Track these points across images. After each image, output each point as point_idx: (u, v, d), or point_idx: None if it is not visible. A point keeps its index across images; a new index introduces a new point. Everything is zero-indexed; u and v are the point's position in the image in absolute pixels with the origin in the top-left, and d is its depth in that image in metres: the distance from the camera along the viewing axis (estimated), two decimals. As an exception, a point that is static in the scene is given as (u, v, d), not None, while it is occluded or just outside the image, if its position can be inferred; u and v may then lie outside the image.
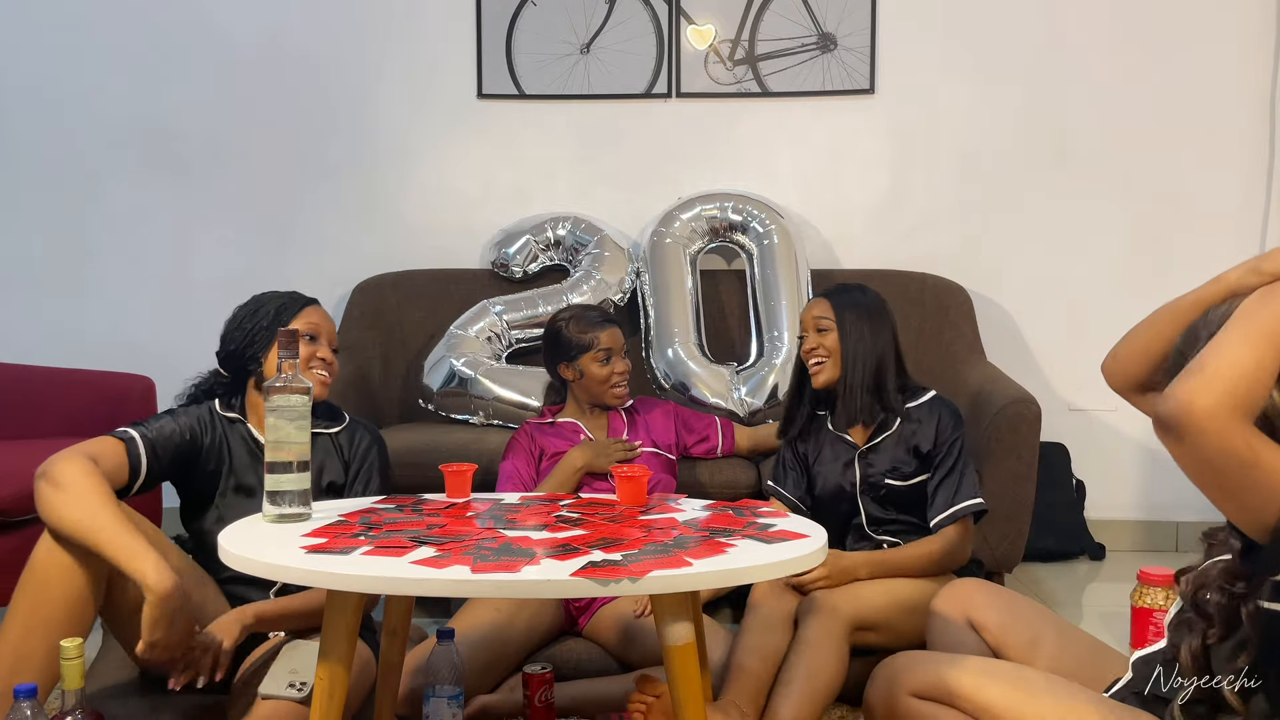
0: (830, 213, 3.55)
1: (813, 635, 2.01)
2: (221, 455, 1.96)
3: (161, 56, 3.60)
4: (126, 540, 1.64)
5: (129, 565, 1.62)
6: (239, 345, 1.98)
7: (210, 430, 1.96)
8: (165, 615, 1.61)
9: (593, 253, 3.34)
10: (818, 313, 2.30)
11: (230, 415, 1.99)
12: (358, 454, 2.04)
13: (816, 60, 3.51)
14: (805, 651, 1.99)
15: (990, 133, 3.51)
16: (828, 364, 2.27)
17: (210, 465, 1.95)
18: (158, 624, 1.62)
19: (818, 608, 2.06)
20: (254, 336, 1.97)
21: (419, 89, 3.60)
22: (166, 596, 1.61)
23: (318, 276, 3.51)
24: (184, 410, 1.97)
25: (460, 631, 2.01)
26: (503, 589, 1.42)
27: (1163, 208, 3.47)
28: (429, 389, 3.18)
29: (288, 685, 1.72)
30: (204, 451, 1.95)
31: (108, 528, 1.64)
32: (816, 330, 2.29)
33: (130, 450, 1.83)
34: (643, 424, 2.59)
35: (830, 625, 2.03)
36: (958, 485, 2.21)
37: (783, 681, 1.96)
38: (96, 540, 1.64)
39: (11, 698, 1.47)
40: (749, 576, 1.47)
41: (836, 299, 2.30)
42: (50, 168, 3.63)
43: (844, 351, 2.25)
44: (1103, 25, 3.46)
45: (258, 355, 1.97)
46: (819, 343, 2.28)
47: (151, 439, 1.86)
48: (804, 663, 1.97)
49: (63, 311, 3.63)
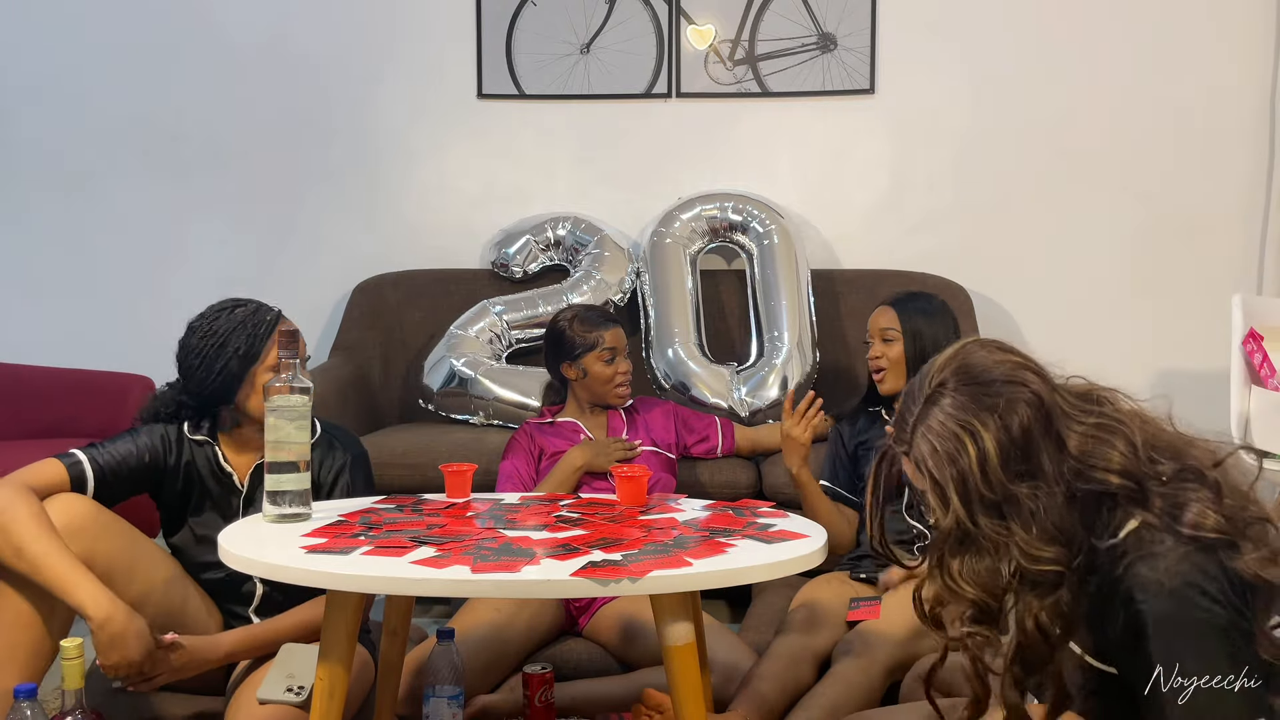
0: (830, 213, 3.55)
1: (848, 674, 1.93)
2: (189, 476, 1.89)
3: (162, 57, 3.60)
4: (60, 572, 1.61)
5: (66, 597, 1.62)
6: (204, 388, 1.84)
7: (175, 450, 1.89)
8: (111, 639, 1.61)
9: (593, 253, 3.34)
10: (884, 323, 2.33)
11: (197, 438, 1.91)
12: (329, 473, 1.92)
13: (816, 60, 3.51)
14: (837, 685, 1.91)
15: (990, 132, 3.51)
16: (890, 373, 2.31)
17: (177, 486, 1.89)
18: (108, 649, 1.61)
19: (852, 652, 1.97)
20: (224, 382, 1.83)
21: (419, 89, 3.60)
22: (105, 622, 1.60)
23: (317, 276, 3.51)
24: (148, 429, 1.89)
25: (460, 631, 2.01)
26: (503, 589, 1.42)
27: (1163, 207, 3.47)
28: (429, 389, 3.18)
29: (285, 690, 1.71)
30: (167, 473, 1.88)
31: (35, 563, 1.62)
32: (882, 340, 2.33)
33: (73, 473, 1.77)
34: (642, 424, 2.59)
35: (867, 665, 1.94)
36: None
37: (804, 706, 1.88)
38: (32, 575, 1.63)
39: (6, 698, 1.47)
40: (749, 576, 1.48)
41: (903, 308, 2.33)
42: (51, 167, 3.63)
43: (910, 361, 2.29)
44: (1103, 25, 3.46)
45: (230, 399, 1.85)
46: (883, 352, 2.32)
47: (102, 463, 1.80)
48: (831, 695, 1.89)
49: (63, 311, 3.63)
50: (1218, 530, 1.14)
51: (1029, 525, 1.14)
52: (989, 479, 1.14)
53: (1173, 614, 1.11)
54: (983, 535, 1.15)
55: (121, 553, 1.74)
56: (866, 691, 1.91)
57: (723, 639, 2.11)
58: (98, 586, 1.62)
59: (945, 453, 1.15)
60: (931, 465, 1.17)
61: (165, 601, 1.79)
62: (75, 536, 1.68)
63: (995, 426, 1.15)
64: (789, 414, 2.36)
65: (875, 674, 1.94)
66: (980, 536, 1.15)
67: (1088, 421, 1.19)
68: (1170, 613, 1.11)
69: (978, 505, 1.14)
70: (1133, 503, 1.16)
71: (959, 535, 1.16)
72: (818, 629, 2.08)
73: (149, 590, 1.77)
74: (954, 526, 1.16)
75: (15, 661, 1.66)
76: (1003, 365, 1.20)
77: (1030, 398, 1.17)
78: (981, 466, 1.14)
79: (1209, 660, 1.10)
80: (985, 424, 1.15)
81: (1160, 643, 1.11)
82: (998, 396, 1.16)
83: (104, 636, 1.60)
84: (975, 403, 1.17)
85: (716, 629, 2.14)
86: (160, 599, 1.78)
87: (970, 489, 1.14)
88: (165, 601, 1.79)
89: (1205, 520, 1.14)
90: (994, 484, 1.14)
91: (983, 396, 1.17)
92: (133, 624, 1.63)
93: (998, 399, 1.16)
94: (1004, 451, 1.14)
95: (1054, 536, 1.14)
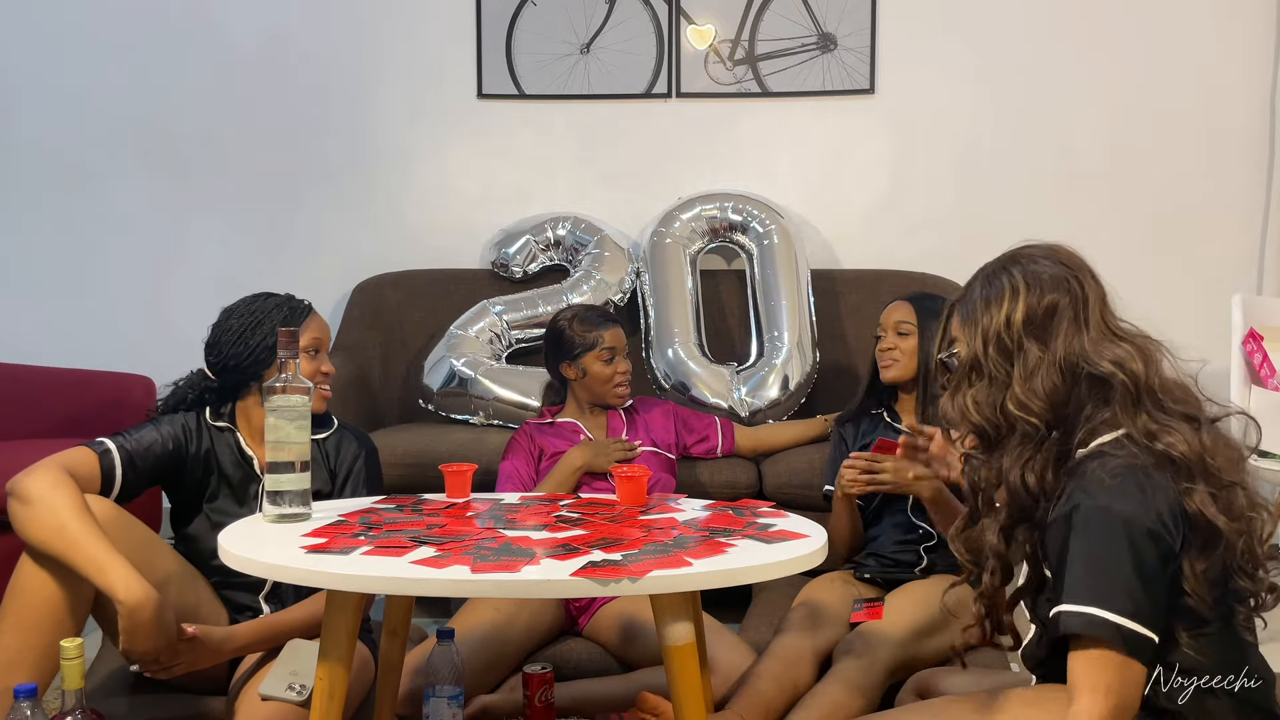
0: (830, 213, 3.55)
1: (849, 675, 1.93)
2: (209, 464, 1.93)
3: (162, 56, 3.60)
4: (95, 554, 1.62)
5: (98, 579, 1.61)
6: (241, 360, 1.92)
7: (196, 439, 1.93)
8: (138, 627, 1.61)
9: (593, 253, 3.34)
10: (900, 316, 2.37)
11: (219, 424, 1.96)
12: (344, 463, 2.00)
13: (816, 60, 3.51)
14: (837, 686, 1.91)
15: (990, 133, 3.51)
16: (900, 363, 2.35)
17: (197, 474, 1.93)
18: (133, 636, 1.61)
19: (853, 652, 1.98)
20: (258, 355, 1.92)
21: (419, 89, 3.60)
22: (136, 609, 1.60)
23: (317, 276, 3.51)
24: (169, 418, 1.93)
25: (460, 631, 2.01)
26: (503, 589, 1.42)
27: (1162, 207, 3.47)
28: (429, 389, 3.18)
29: (287, 687, 1.71)
30: (189, 460, 1.92)
31: (76, 542, 1.62)
32: (897, 333, 2.37)
33: (104, 462, 1.80)
34: (642, 424, 2.60)
35: (867, 666, 1.95)
36: None
37: (804, 706, 1.88)
38: (65, 555, 1.63)
39: (8, 697, 1.47)
40: (749, 576, 1.47)
41: (920, 304, 2.38)
42: (50, 167, 3.63)
43: (923, 354, 2.33)
44: (1103, 24, 3.46)
45: (260, 372, 1.93)
46: (896, 344, 2.37)
47: (129, 450, 1.83)
48: (832, 695, 1.89)
49: (63, 311, 3.63)
50: (1185, 456, 1.32)
51: (1027, 377, 1.40)
52: (1010, 328, 1.42)
53: (1104, 504, 1.29)
54: (990, 368, 1.43)
55: (138, 552, 1.74)
56: (867, 692, 1.91)
57: (723, 639, 2.10)
58: (131, 571, 1.62)
59: (986, 299, 1.46)
60: (978, 304, 1.46)
61: (180, 600, 1.80)
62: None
63: (1031, 295, 1.43)
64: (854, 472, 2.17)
65: (876, 674, 1.94)
66: (988, 370, 1.43)
67: (1119, 331, 1.45)
68: (1102, 503, 1.29)
69: (994, 344, 1.43)
70: (1124, 408, 1.37)
71: (972, 365, 1.45)
72: (818, 628, 2.08)
73: (165, 590, 1.77)
74: (971, 357, 1.44)
75: (24, 663, 1.66)
76: (1062, 266, 1.47)
77: (1073, 290, 1.44)
78: (1008, 317, 1.42)
79: (1113, 551, 1.27)
80: (1024, 290, 1.43)
81: (1080, 526, 1.30)
82: (1044, 278, 1.45)
83: (131, 623, 1.60)
84: (1026, 276, 1.45)
85: (716, 629, 2.14)
86: (176, 598, 1.78)
87: (992, 329, 1.43)
88: (180, 600, 1.80)
89: (1178, 445, 1.33)
90: (1012, 333, 1.42)
91: (1034, 273, 1.45)
92: (162, 613, 1.63)
93: (1042, 279, 1.45)
94: (1029, 314, 1.42)
95: (1043, 397, 1.39)
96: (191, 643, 1.70)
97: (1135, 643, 1.25)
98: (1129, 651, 1.25)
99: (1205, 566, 1.31)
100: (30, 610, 1.67)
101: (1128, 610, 1.25)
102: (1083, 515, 1.30)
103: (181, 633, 1.68)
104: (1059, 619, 1.30)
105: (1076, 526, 1.30)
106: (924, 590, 2.14)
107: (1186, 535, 1.31)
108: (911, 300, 2.40)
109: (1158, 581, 1.28)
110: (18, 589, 1.69)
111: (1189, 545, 1.31)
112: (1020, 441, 1.41)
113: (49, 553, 1.64)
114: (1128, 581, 1.26)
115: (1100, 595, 1.26)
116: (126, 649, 1.63)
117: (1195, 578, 1.30)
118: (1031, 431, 1.40)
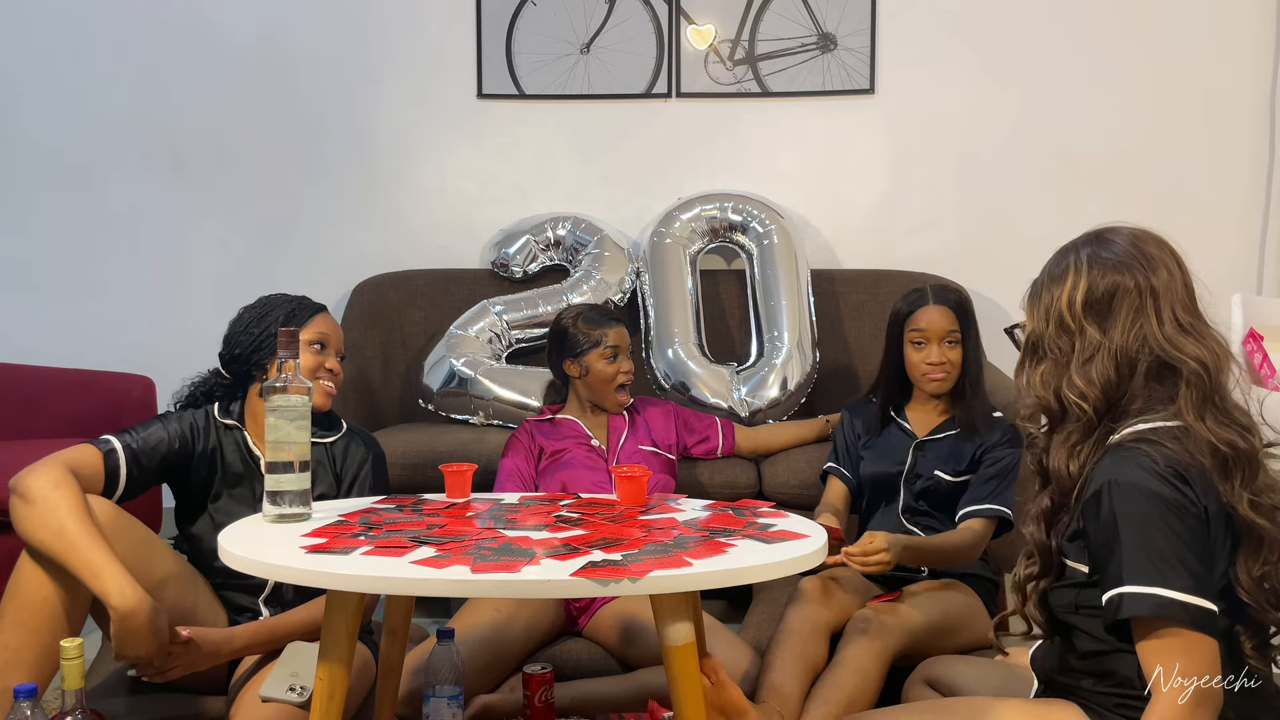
0: (830, 213, 3.56)
1: (860, 660, 1.96)
2: (214, 463, 1.94)
3: (162, 56, 3.60)
4: (90, 557, 1.62)
5: (92, 584, 1.61)
6: (245, 350, 1.96)
7: (204, 437, 1.94)
8: (130, 633, 1.60)
9: (593, 253, 3.34)
10: (948, 325, 2.27)
11: (228, 422, 1.97)
12: (350, 467, 2.01)
13: (816, 60, 3.51)
14: (850, 675, 1.94)
15: (990, 133, 3.51)
16: (950, 376, 2.28)
17: (203, 472, 1.93)
18: (125, 641, 1.61)
19: (867, 633, 2.01)
20: (261, 342, 1.95)
21: (419, 89, 3.60)
22: (129, 615, 1.59)
23: (317, 276, 3.51)
24: (177, 416, 1.94)
25: (460, 631, 2.01)
26: (503, 589, 1.41)
27: (1163, 207, 3.46)
28: (429, 389, 3.18)
29: (287, 689, 1.71)
30: (195, 459, 1.92)
31: (73, 544, 1.62)
32: (947, 344, 2.27)
33: (108, 460, 1.80)
34: (643, 423, 2.60)
35: (879, 650, 1.98)
36: (996, 490, 2.22)
37: (823, 700, 1.91)
38: (62, 557, 1.63)
39: (8, 697, 1.47)
40: (749, 576, 1.47)
41: (960, 309, 2.29)
42: (50, 167, 3.63)
43: (967, 362, 2.27)
44: (1103, 25, 3.46)
45: (263, 362, 1.95)
46: (947, 357, 2.27)
47: (135, 448, 1.84)
48: (847, 686, 1.92)
49: (63, 311, 3.63)
50: (1245, 454, 1.32)
51: (1084, 359, 1.41)
52: (1072, 309, 1.43)
53: (1143, 483, 1.29)
54: (1049, 346, 1.45)
55: (136, 552, 1.74)
56: (879, 679, 1.97)
57: (723, 639, 2.11)
58: (126, 577, 1.62)
59: (1051, 275, 1.47)
60: (1045, 280, 1.48)
61: (178, 601, 1.79)
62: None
63: (1093, 279, 1.43)
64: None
65: (886, 660, 1.99)
66: (1048, 349, 1.45)
67: (1197, 328, 1.42)
68: (1142, 483, 1.29)
69: (1055, 323, 1.44)
70: (1190, 402, 1.36)
71: (1034, 344, 1.47)
72: (829, 601, 2.12)
73: (162, 591, 1.77)
74: (1033, 332, 1.47)
75: (24, 663, 1.66)
76: (1136, 250, 1.45)
77: (1140, 275, 1.42)
78: (1070, 297, 1.43)
79: (1161, 528, 1.27)
80: (1088, 274, 1.43)
81: (1122, 505, 1.29)
82: (1110, 260, 1.44)
83: (124, 628, 1.60)
84: (1092, 256, 1.45)
85: (716, 629, 2.14)
86: (174, 599, 1.78)
87: (1054, 308, 1.45)
88: (178, 601, 1.79)
89: (1238, 442, 1.33)
90: (1074, 314, 1.43)
91: (1101, 255, 1.45)
92: (154, 619, 1.63)
93: (1108, 261, 1.44)
94: (1089, 297, 1.42)
95: (1098, 384, 1.40)
96: (187, 646, 1.69)
97: (1202, 618, 1.25)
98: (1196, 627, 1.25)
99: (1262, 572, 1.31)
100: (30, 610, 1.67)
101: (1188, 586, 1.25)
102: (1123, 493, 1.29)
103: (176, 636, 1.67)
104: (1119, 602, 1.28)
105: (1119, 506, 1.29)
106: (942, 589, 2.19)
107: (1236, 538, 1.31)
108: (953, 307, 2.30)
109: (1210, 554, 1.28)
110: (17, 589, 1.69)
111: (1241, 548, 1.31)
112: (1070, 426, 1.42)
113: (47, 553, 1.64)
114: (1182, 556, 1.26)
115: (1159, 575, 1.25)
116: (119, 653, 1.63)
117: (1251, 583, 1.31)
118: (1081, 416, 1.41)
